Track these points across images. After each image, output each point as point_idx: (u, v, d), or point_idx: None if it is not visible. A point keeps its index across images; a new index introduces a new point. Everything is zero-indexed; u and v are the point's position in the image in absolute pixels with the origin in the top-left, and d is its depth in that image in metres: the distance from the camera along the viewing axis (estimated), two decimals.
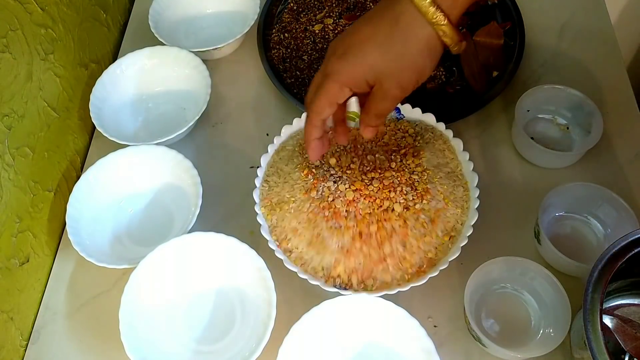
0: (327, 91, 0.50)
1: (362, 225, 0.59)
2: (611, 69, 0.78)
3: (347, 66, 0.48)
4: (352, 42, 0.48)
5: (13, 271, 0.61)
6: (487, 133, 0.73)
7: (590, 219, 0.65)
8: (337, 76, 0.49)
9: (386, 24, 0.47)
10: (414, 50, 0.47)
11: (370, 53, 0.47)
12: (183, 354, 0.59)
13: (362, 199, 0.60)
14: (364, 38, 0.48)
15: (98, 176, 0.67)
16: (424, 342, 0.53)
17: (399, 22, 0.46)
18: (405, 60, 0.48)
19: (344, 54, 0.48)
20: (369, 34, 0.48)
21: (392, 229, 0.59)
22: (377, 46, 0.47)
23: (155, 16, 0.81)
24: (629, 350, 0.51)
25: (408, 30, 0.47)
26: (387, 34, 0.47)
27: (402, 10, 0.46)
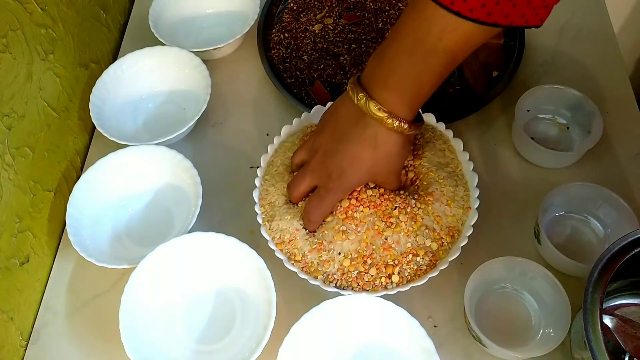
0: (332, 202, 0.60)
1: (363, 226, 0.59)
2: (611, 69, 0.78)
3: (348, 182, 0.58)
4: (344, 163, 0.57)
5: (13, 271, 0.61)
6: (487, 133, 0.73)
7: (590, 219, 0.65)
8: (342, 190, 0.59)
9: (368, 145, 0.56)
10: (395, 156, 0.57)
11: (364, 169, 0.58)
12: (183, 354, 0.59)
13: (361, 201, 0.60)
14: (353, 160, 0.57)
15: (98, 176, 0.67)
16: (424, 342, 0.53)
17: (377, 142, 0.55)
18: (390, 162, 0.58)
19: (341, 175, 0.57)
20: (356, 155, 0.56)
21: (393, 230, 0.59)
22: (368, 163, 0.57)
23: (155, 16, 0.81)
24: (629, 350, 0.51)
25: (386, 146, 0.56)
26: (372, 153, 0.56)
27: (376, 131, 0.55)
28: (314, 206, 0.60)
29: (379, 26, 0.82)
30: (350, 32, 0.81)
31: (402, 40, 0.51)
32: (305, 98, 0.76)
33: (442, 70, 0.52)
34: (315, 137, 0.61)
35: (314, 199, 0.60)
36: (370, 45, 0.80)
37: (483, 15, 0.46)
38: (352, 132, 0.56)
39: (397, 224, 0.59)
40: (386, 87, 0.53)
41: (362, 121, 0.55)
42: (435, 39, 0.49)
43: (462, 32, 0.48)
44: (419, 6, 0.49)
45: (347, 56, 0.79)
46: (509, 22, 0.46)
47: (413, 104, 0.54)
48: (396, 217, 0.59)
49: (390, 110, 0.53)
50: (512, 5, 0.45)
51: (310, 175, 0.60)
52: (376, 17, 0.83)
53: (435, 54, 0.50)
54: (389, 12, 0.83)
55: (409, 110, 0.54)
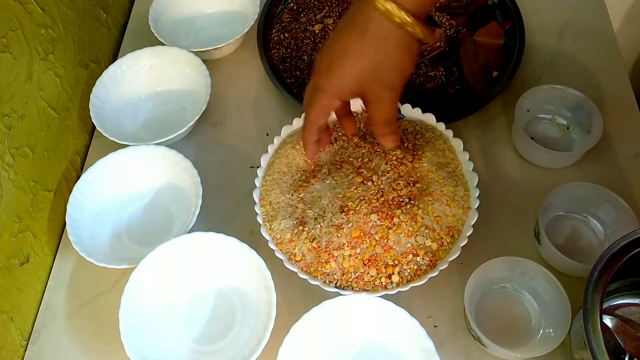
0: (318, 104, 0.54)
1: (363, 226, 0.59)
2: (611, 69, 0.78)
3: (333, 81, 0.52)
4: (332, 56, 0.51)
5: (13, 271, 0.61)
6: (487, 133, 0.73)
7: (590, 219, 0.65)
8: (325, 91, 0.53)
9: (357, 34, 0.49)
10: (388, 52, 0.49)
11: (350, 65, 0.50)
12: (183, 354, 0.59)
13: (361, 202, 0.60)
14: (341, 51, 0.50)
15: (98, 176, 0.67)
16: (424, 342, 0.53)
17: (368, 30, 0.48)
18: (384, 64, 0.50)
19: (328, 69, 0.52)
20: (344, 46, 0.50)
21: (394, 231, 0.59)
22: (354, 58, 0.50)
23: (155, 16, 0.81)
24: (629, 350, 0.51)
25: (378, 36, 0.49)
26: (359, 44, 0.49)
27: (368, 17, 0.48)
28: (306, 103, 0.56)
29: None
30: None
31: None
32: None
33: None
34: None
35: (306, 94, 0.56)
36: None
37: None
38: (345, 21, 0.51)
39: (398, 225, 0.59)
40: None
41: (357, 8, 0.49)
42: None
43: None
44: None
45: None
46: None
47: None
48: (397, 217, 0.59)
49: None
50: None
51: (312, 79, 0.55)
52: None
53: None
54: None
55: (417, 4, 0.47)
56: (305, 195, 0.62)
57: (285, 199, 0.63)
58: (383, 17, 0.48)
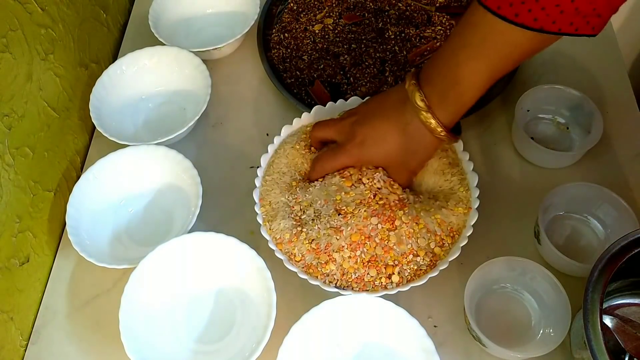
0: (339, 162, 0.62)
1: (363, 229, 0.59)
2: (611, 69, 0.78)
3: (365, 153, 0.60)
4: (370, 135, 0.59)
5: (13, 271, 0.61)
6: (487, 133, 0.73)
7: (590, 219, 0.65)
8: (354, 158, 0.61)
9: (398, 129, 0.57)
10: (419, 149, 0.58)
11: (382, 149, 0.59)
12: (183, 354, 0.59)
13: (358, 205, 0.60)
14: (379, 136, 0.59)
15: (98, 176, 0.67)
16: (424, 342, 0.53)
17: (407, 130, 0.57)
18: (410, 155, 0.59)
19: (363, 143, 0.59)
20: (384, 133, 0.58)
21: (395, 232, 0.59)
22: (388, 147, 0.59)
23: (155, 16, 0.81)
24: (629, 350, 0.51)
25: (414, 137, 0.57)
26: (398, 136, 0.58)
27: (409, 120, 0.56)
28: (325, 158, 0.63)
29: (379, 26, 0.82)
30: (350, 32, 0.81)
31: (451, 40, 0.53)
32: (305, 98, 0.76)
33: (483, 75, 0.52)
34: (357, 108, 0.63)
35: (329, 151, 0.63)
36: (370, 45, 0.80)
37: (529, 21, 0.46)
38: (391, 112, 0.58)
39: (399, 227, 0.59)
40: (431, 82, 0.55)
41: (403, 107, 0.57)
42: (479, 41, 0.50)
43: (508, 37, 0.48)
44: (470, 10, 0.50)
45: (347, 56, 0.79)
46: (556, 29, 0.46)
47: (452, 107, 0.55)
48: (399, 218, 0.59)
49: (430, 106, 0.54)
50: (560, 12, 0.45)
51: (336, 129, 0.62)
52: (376, 17, 0.83)
53: (478, 57, 0.50)
54: (389, 12, 0.83)
55: (447, 114, 0.55)
56: (299, 196, 0.62)
57: (284, 199, 0.63)
58: (422, 126, 0.56)
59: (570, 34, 0.47)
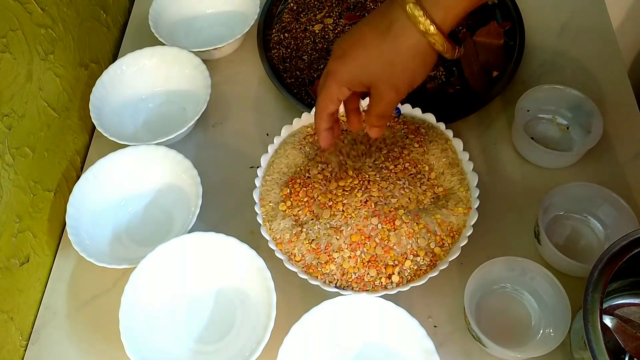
0: (328, 89, 0.54)
1: (363, 229, 0.59)
2: (611, 69, 0.78)
3: (344, 67, 0.52)
4: (350, 44, 0.52)
5: (13, 271, 0.61)
6: (487, 133, 0.73)
7: (590, 219, 0.65)
8: (336, 76, 0.53)
9: (379, 30, 0.50)
10: (404, 56, 0.50)
11: (364, 56, 0.51)
12: (183, 354, 0.59)
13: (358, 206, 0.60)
14: (360, 41, 0.51)
15: (98, 176, 0.67)
16: (424, 342, 0.53)
17: (391, 29, 0.49)
18: (397, 65, 0.50)
19: (342, 56, 0.52)
20: (363, 37, 0.51)
21: (395, 232, 0.59)
22: (371, 50, 0.50)
23: (155, 16, 0.81)
24: (629, 350, 0.51)
25: (399, 37, 0.49)
26: (380, 39, 0.50)
27: (395, 17, 0.49)
28: (318, 87, 0.56)
29: None
30: None
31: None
32: (305, 98, 0.76)
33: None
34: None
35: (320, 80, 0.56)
36: None
37: None
38: (374, 16, 0.51)
39: (399, 227, 0.59)
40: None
41: (388, 7, 0.50)
42: None
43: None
44: None
45: None
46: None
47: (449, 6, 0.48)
48: (400, 218, 0.59)
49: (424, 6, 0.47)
50: None
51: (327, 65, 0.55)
52: None
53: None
54: None
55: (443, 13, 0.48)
56: (296, 198, 0.62)
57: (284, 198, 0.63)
58: (409, 22, 0.48)
59: None
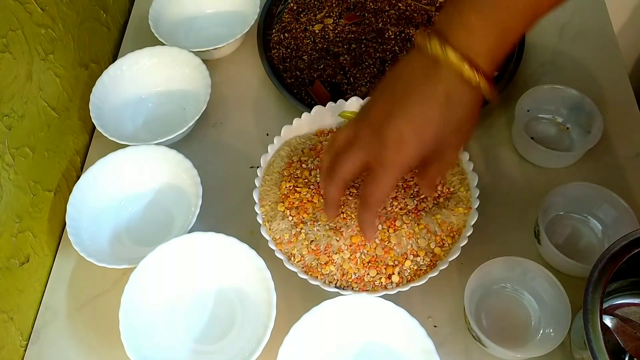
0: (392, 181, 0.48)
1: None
2: (611, 69, 0.78)
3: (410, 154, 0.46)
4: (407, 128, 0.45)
5: (13, 271, 0.61)
6: (487, 133, 0.73)
7: (590, 219, 0.65)
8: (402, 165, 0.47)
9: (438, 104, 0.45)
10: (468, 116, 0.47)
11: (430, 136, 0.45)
12: (183, 353, 0.59)
13: None
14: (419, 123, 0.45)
15: (98, 176, 0.67)
16: (424, 342, 0.53)
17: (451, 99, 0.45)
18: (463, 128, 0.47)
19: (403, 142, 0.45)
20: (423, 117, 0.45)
21: (395, 234, 0.59)
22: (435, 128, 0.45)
23: (155, 16, 0.81)
24: (629, 350, 0.51)
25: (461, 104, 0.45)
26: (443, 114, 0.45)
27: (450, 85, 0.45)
28: (367, 192, 0.49)
29: (379, 26, 0.82)
30: (350, 32, 0.81)
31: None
32: (305, 98, 0.76)
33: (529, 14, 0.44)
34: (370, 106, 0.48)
35: (368, 181, 0.48)
36: (370, 45, 0.80)
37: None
38: (420, 89, 0.45)
39: (400, 227, 0.59)
40: (466, 28, 0.44)
41: (433, 75, 0.45)
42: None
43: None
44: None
45: (347, 56, 0.79)
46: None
47: (496, 53, 0.45)
48: (400, 218, 0.59)
49: (469, 56, 0.43)
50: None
51: (360, 147, 0.47)
52: (376, 17, 0.83)
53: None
54: (389, 12, 0.83)
55: (490, 60, 0.44)
56: (294, 200, 0.62)
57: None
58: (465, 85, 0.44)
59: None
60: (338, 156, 0.50)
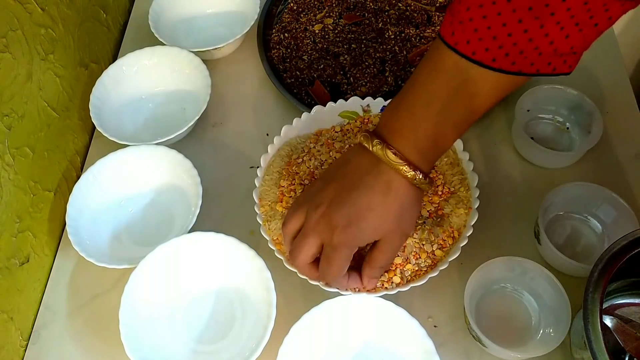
0: (342, 258, 0.53)
1: None
2: (611, 69, 0.78)
3: (356, 234, 0.52)
4: (352, 213, 0.51)
5: (13, 271, 0.61)
6: (487, 133, 0.73)
7: (590, 219, 0.65)
8: (349, 245, 0.52)
9: (380, 191, 0.51)
10: (408, 205, 0.53)
11: (373, 220, 0.52)
12: (183, 354, 0.59)
13: None
14: (363, 209, 0.51)
15: (98, 176, 0.67)
16: (424, 342, 0.53)
17: (390, 189, 0.51)
18: (404, 217, 0.53)
19: (348, 226, 0.51)
20: (365, 204, 0.51)
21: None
22: (378, 214, 0.51)
23: (155, 16, 0.81)
24: (629, 350, 0.51)
25: (400, 193, 0.51)
26: (384, 200, 0.51)
27: (390, 178, 0.51)
28: (323, 271, 0.54)
29: (379, 26, 0.82)
30: (350, 32, 0.81)
31: (417, 92, 0.50)
32: (305, 98, 0.76)
33: (460, 124, 0.50)
34: (317, 192, 0.54)
35: (322, 262, 0.54)
36: (370, 45, 0.80)
37: (507, 65, 0.44)
38: (364, 180, 0.52)
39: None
40: (402, 136, 0.51)
41: (375, 169, 0.51)
42: (454, 92, 0.47)
43: (485, 84, 0.46)
44: (436, 56, 0.47)
45: (347, 56, 0.79)
46: (534, 71, 0.45)
47: (429, 156, 0.52)
48: None
49: (407, 159, 0.50)
50: (538, 55, 0.44)
51: (312, 233, 0.53)
52: (376, 17, 0.83)
53: (454, 108, 0.48)
54: (389, 12, 0.83)
55: (426, 163, 0.51)
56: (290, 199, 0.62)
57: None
58: (405, 180, 0.51)
59: (548, 74, 0.46)
60: (296, 244, 0.55)
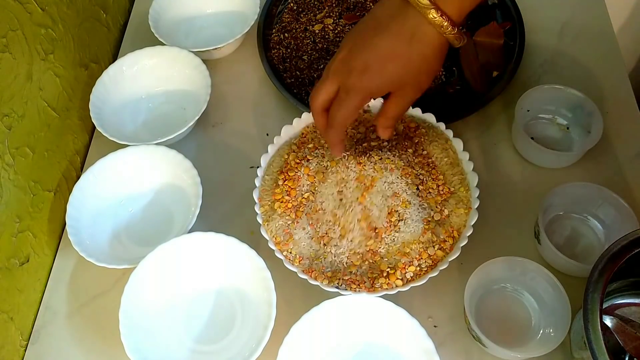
0: (352, 104, 0.53)
1: (364, 227, 0.59)
2: (611, 69, 0.78)
3: (372, 81, 0.51)
4: (372, 58, 0.51)
5: (13, 271, 0.61)
6: (487, 133, 0.73)
7: (590, 219, 0.65)
8: (363, 90, 0.52)
9: (404, 38, 0.50)
10: (430, 57, 0.51)
11: (392, 68, 0.51)
12: (183, 354, 0.59)
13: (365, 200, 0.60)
14: (384, 54, 0.51)
15: (98, 176, 0.67)
16: (424, 342, 0.53)
17: (415, 36, 0.50)
18: (424, 68, 0.52)
19: (366, 70, 0.51)
20: (388, 49, 0.51)
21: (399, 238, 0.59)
22: (398, 61, 0.51)
23: (155, 16, 0.81)
24: (629, 350, 0.51)
25: (424, 42, 0.50)
26: (407, 48, 0.50)
27: (416, 24, 0.50)
28: (332, 114, 0.54)
29: None
30: None
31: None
32: (305, 98, 0.76)
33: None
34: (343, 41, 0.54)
35: (334, 104, 0.54)
36: None
37: None
38: (389, 25, 0.51)
39: (403, 231, 0.59)
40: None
41: (402, 13, 0.50)
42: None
43: None
44: None
45: None
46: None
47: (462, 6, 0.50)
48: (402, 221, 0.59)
49: (436, 3, 0.49)
50: None
51: (331, 75, 0.53)
52: None
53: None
54: None
55: (456, 11, 0.50)
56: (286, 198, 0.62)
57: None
58: (430, 26, 0.49)
59: None
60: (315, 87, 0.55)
